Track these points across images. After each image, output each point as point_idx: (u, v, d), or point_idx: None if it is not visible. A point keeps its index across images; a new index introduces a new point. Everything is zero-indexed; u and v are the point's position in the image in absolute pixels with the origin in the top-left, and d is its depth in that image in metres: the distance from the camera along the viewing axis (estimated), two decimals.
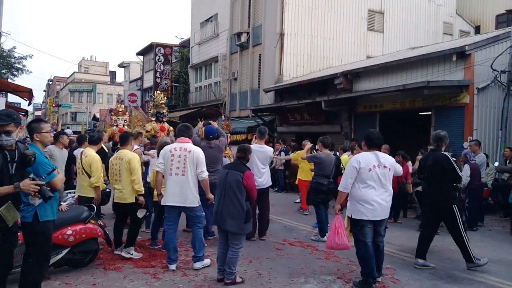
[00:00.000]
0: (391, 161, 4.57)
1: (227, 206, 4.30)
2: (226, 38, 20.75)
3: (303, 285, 4.51)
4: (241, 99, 19.53)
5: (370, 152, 4.49)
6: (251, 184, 4.32)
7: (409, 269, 5.18)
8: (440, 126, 10.56)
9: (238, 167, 4.42)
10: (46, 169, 3.52)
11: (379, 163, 4.41)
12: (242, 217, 4.26)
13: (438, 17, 19.84)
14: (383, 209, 4.44)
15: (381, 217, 4.49)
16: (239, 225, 4.27)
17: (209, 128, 6.31)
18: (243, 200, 4.27)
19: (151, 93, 28.71)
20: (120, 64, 40.30)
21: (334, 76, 13.46)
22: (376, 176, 4.38)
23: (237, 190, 4.26)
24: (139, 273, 4.70)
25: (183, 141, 4.95)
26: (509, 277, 5.00)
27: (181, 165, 4.80)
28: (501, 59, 9.78)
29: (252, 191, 4.34)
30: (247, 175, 4.31)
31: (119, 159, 5.28)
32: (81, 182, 5.75)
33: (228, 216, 4.28)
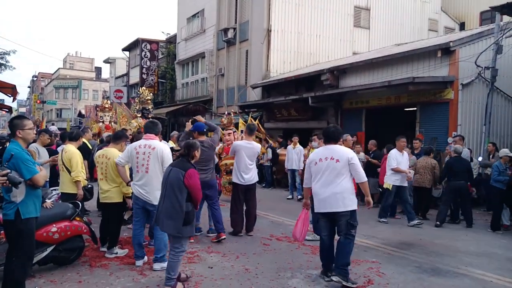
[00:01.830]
0: (345, 154, 4.41)
1: (166, 206, 4.03)
2: (213, 34, 20.63)
3: (290, 280, 4.53)
4: (228, 95, 19.47)
5: (323, 147, 4.66)
6: (193, 184, 3.97)
7: (395, 263, 5.25)
8: (425, 121, 10.75)
9: (181, 165, 4.09)
10: (28, 166, 3.46)
11: (326, 156, 4.45)
12: (181, 219, 3.94)
13: (423, 14, 20.07)
14: (333, 201, 4.35)
15: (330, 209, 4.38)
16: (177, 227, 3.96)
17: (197, 124, 6.19)
18: (182, 200, 3.95)
19: (137, 89, 28.42)
20: (106, 60, 39.78)
21: (321, 72, 13.52)
22: (322, 169, 4.43)
23: (177, 189, 3.96)
24: (125, 269, 4.66)
25: (149, 137, 4.85)
26: (491, 269, 5.11)
27: (145, 162, 4.71)
28: (485, 55, 9.93)
29: (194, 190, 3.99)
30: (189, 173, 3.97)
31: (106, 158, 5.19)
32: (62, 179, 5.67)
33: (166, 217, 4.01)
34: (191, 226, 4.09)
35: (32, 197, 3.56)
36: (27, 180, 3.47)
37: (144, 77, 26.64)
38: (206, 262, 5.04)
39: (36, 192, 3.62)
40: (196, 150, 4.20)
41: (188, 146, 4.20)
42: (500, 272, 4.98)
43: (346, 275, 4.29)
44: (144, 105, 11.17)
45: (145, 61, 26.77)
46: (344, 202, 4.35)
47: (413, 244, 6.28)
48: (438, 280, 4.66)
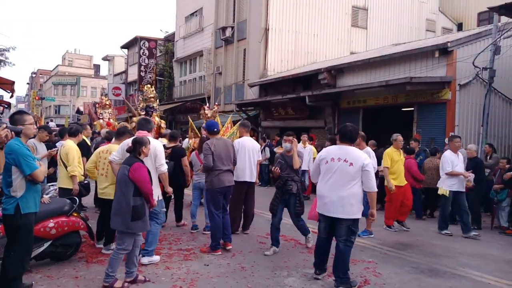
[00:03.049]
0: (359, 158, 4.14)
1: (114, 203, 4.06)
2: (211, 32, 20.61)
3: (286, 279, 4.54)
4: (225, 93, 19.47)
5: (337, 146, 4.38)
6: (138, 177, 3.93)
7: (391, 263, 5.25)
8: (422, 121, 10.79)
9: (128, 160, 4.11)
10: (28, 161, 3.46)
11: (340, 157, 4.17)
12: (128, 214, 3.90)
13: (421, 14, 20.11)
14: (338, 206, 4.13)
15: (335, 214, 4.16)
16: (124, 222, 3.92)
17: (210, 122, 6.06)
18: (129, 195, 3.91)
19: (135, 86, 28.40)
20: (104, 57, 39.68)
21: (318, 71, 13.54)
22: (333, 170, 4.18)
23: (123, 184, 3.96)
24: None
25: (142, 134, 4.85)
26: (489, 271, 5.10)
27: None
28: (482, 56, 9.97)
29: (140, 184, 3.94)
30: (134, 167, 3.95)
31: (109, 153, 5.16)
32: (60, 174, 5.68)
33: (113, 213, 4.02)
34: (142, 221, 4.01)
35: (32, 192, 3.57)
36: (27, 175, 3.47)
37: (142, 75, 26.58)
38: (202, 260, 5.05)
39: (36, 187, 3.63)
40: (144, 146, 4.14)
41: (134, 142, 4.18)
42: (498, 274, 4.97)
43: (348, 282, 4.20)
44: (148, 103, 10.89)
45: (143, 59, 26.71)
46: (351, 209, 4.11)
47: (410, 245, 6.29)
48: (435, 281, 4.65)
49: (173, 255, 5.20)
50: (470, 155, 7.82)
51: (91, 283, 4.17)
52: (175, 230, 6.66)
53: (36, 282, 4.10)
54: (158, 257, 4.93)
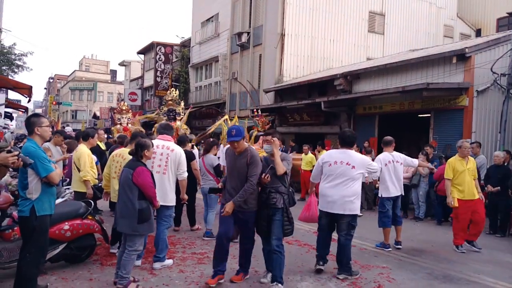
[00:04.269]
0: (363, 160, 4.75)
1: (119, 206, 4.14)
2: (226, 38, 20.76)
3: (299, 283, 4.52)
4: (241, 99, 19.54)
5: (338, 150, 4.85)
6: (142, 181, 4.02)
7: (405, 269, 5.19)
8: (439, 128, 10.62)
9: (131, 164, 4.17)
10: (44, 164, 3.53)
11: (342, 160, 4.64)
12: (134, 217, 3.99)
13: (438, 20, 19.86)
14: (340, 204, 4.59)
15: (336, 211, 4.63)
16: (131, 225, 4.01)
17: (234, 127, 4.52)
18: (134, 199, 4.01)
19: (151, 92, 28.76)
20: (121, 63, 40.33)
21: (334, 77, 13.48)
22: (336, 172, 4.65)
23: (127, 188, 4.04)
24: (135, 269, 4.70)
25: (166, 139, 4.90)
26: (504, 277, 5.02)
27: (163, 163, 4.75)
28: (501, 62, 9.79)
29: (144, 188, 4.03)
30: (137, 171, 4.03)
31: (122, 157, 5.24)
32: (74, 178, 5.79)
33: (120, 216, 4.12)
34: (148, 223, 4.11)
35: (47, 195, 3.63)
36: (43, 177, 3.54)
37: (158, 80, 26.91)
38: None
39: (51, 189, 3.69)
40: (146, 150, 4.19)
41: (137, 145, 4.25)
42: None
43: (350, 271, 4.69)
44: (170, 107, 10.56)
45: (159, 64, 27.05)
46: (352, 206, 4.61)
47: (424, 251, 6.20)
48: (449, 287, 4.59)
49: (187, 258, 5.22)
50: (497, 162, 7.66)
51: (105, 285, 4.22)
52: (189, 234, 6.70)
53: (51, 284, 4.16)
54: (171, 261, 4.95)
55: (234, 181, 4.20)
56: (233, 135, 4.14)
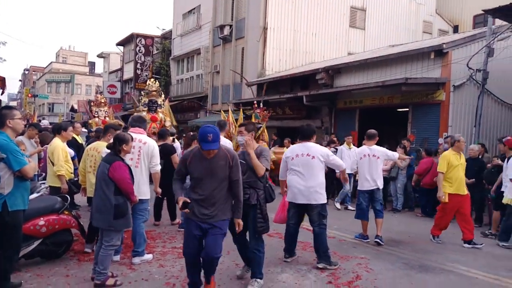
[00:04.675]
0: (321, 151, 4.91)
1: (96, 200, 4.09)
2: (208, 30, 20.57)
3: (280, 275, 4.56)
4: (223, 92, 19.44)
5: (299, 144, 5.09)
6: (118, 176, 3.96)
7: (383, 259, 5.31)
8: (417, 122, 10.84)
9: (108, 158, 4.10)
10: (16, 157, 3.43)
11: (303, 152, 4.88)
12: (110, 212, 3.94)
13: (418, 16, 20.18)
14: (306, 194, 4.81)
15: (302, 201, 4.84)
16: (107, 220, 3.96)
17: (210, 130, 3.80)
18: (110, 194, 3.95)
19: (131, 84, 28.31)
20: (100, 54, 39.43)
21: (316, 71, 13.55)
22: (299, 164, 4.87)
23: (104, 183, 3.97)
24: (114, 264, 4.64)
25: (138, 131, 4.83)
26: (477, 266, 5.19)
27: (135, 156, 4.68)
28: (477, 58, 10.02)
29: (121, 183, 3.97)
30: (114, 166, 3.96)
31: (96, 151, 5.16)
32: (49, 172, 5.65)
33: (95, 211, 4.07)
34: (124, 219, 4.05)
35: (20, 189, 3.53)
36: (16, 171, 3.44)
37: (138, 73, 26.49)
38: None
39: (25, 184, 3.60)
40: (125, 144, 4.11)
41: (115, 139, 4.16)
42: (485, 269, 5.05)
43: (328, 260, 4.84)
44: (151, 98, 10.34)
45: (140, 56, 26.62)
46: (317, 196, 4.82)
47: (401, 241, 6.35)
48: (425, 277, 4.72)
49: (167, 253, 5.19)
50: (473, 155, 7.83)
51: (83, 281, 4.15)
52: (170, 228, 6.65)
53: (26, 281, 4.06)
54: (150, 255, 4.91)
55: (207, 187, 3.54)
56: (210, 140, 3.36)
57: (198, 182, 3.61)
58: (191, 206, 3.55)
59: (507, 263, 5.39)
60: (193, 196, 3.60)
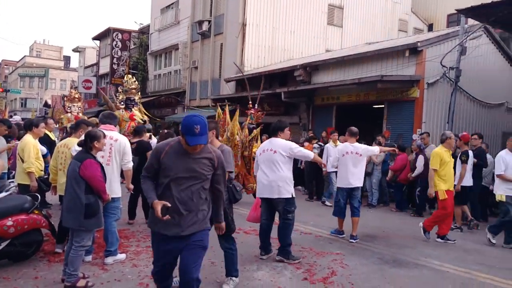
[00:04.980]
0: (284, 145, 4.95)
1: (66, 200, 3.99)
2: (187, 25, 20.33)
3: (255, 272, 4.56)
4: (201, 88, 19.28)
5: (267, 140, 5.28)
6: (89, 174, 3.84)
7: (358, 254, 5.38)
8: (392, 118, 11.04)
9: (79, 156, 3.98)
10: None
11: (267, 148, 5.00)
12: (81, 211, 3.82)
13: (394, 14, 20.51)
14: (268, 189, 4.89)
15: (270, 196, 4.90)
16: (78, 220, 3.84)
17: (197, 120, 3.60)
18: (81, 193, 3.83)
19: (107, 79, 27.73)
20: (75, 48, 38.55)
21: (294, 68, 13.61)
22: (264, 159, 5.00)
23: (74, 182, 3.85)
24: (86, 264, 4.53)
25: (109, 128, 4.73)
26: (449, 260, 5.32)
27: (106, 154, 4.59)
28: (450, 56, 10.27)
29: (92, 181, 3.86)
30: (85, 164, 3.85)
31: (66, 147, 5.01)
32: (18, 169, 5.46)
33: (66, 210, 3.95)
34: (96, 218, 3.94)
35: None
36: None
37: (114, 68, 25.96)
38: None
39: None
40: (96, 141, 3.99)
41: (86, 135, 4.05)
42: (456, 263, 5.18)
43: (287, 254, 4.88)
44: (129, 95, 10.15)
45: (116, 51, 26.08)
46: (280, 190, 4.85)
47: (376, 236, 6.46)
48: (399, 271, 4.81)
49: (141, 252, 5.10)
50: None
51: (52, 283, 4.03)
52: (144, 227, 6.50)
53: None
54: (124, 255, 4.81)
55: (185, 190, 2.90)
56: (197, 133, 2.74)
57: (173, 183, 2.90)
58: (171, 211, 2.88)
59: (477, 256, 5.55)
60: (166, 201, 2.89)
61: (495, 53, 12.17)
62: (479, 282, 4.54)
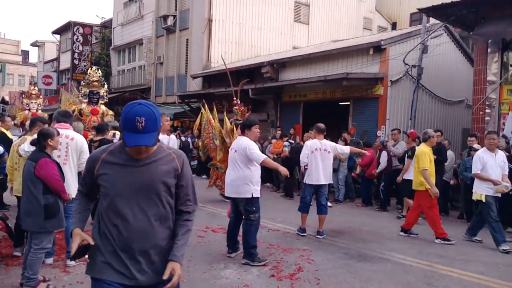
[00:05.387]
0: (243, 145, 4.83)
1: (24, 202, 3.81)
2: (151, 20, 19.88)
3: (223, 271, 4.52)
4: (167, 85, 18.93)
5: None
6: (45, 174, 3.69)
7: (324, 250, 5.45)
8: (357, 115, 11.29)
9: (33, 156, 3.81)
10: None
11: (232, 147, 5.04)
12: (40, 213, 3.67)
13: (359, 13, 20.95)
14: (230, 187, 4.91)
15: (231, 195, 4.90)
16: (37, 222, 3.68)
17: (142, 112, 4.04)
18: (38, 194, 3.69)
19: (68, 75, 26.70)
20: (34, 43, 36.86)
21: (261, 65, 13.62)
22: (229, 158, 5.05)
23: (30, 183, 3.70)
24: (47, 267, 4.34)
25: (64, 127, 4.55)
26: (412, 253, 5.47)
27: (63, 153, 4.42)
28: (412, 54, 10.60)
29: (50, 181, 3.71)
30: (40, 163, 3.69)
31: None
32: None
33: (24, 213, 3.78)
34: (56, 219, 3.80)
35: None
36: None
37: (75, 63, 25.00)
38: None
39: None
40: (50, 139, 3.81)
41: (39, 134, 3.88)
42: (419, 256, 5.34)
43: (252, 257, 4.74)
44: (92, 89, 9.68)
45: (77, 46, 25.12)
46: (238, 189, 4.80)
47: (342, 232, 6.58)
48: (363, 265, 4.90)
49: None
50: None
51: (10, 287, 3.82)
52: None
53: None
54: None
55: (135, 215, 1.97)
56: (140, 130, 1.84)
57: (117, 205, 1.96)
58: (98, 253, 2.00)
59: (438, 250, 5.73)
60: (108, 234, 1.98)
61: (455, 52, 12.68)
62: (440, 274, 4.70)
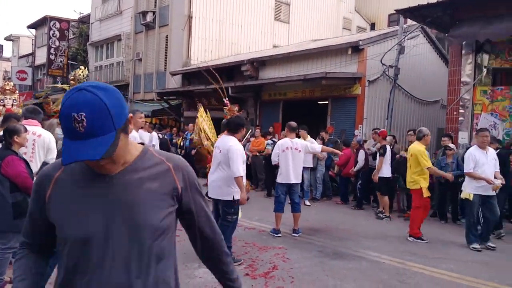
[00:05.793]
0: (227, 146, 4.64)
1: None
2: (130, 16, 19.49)
3: (196, 270, 4.45)
4: (146, 81, 18.63)
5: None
6: (12, 172, 3.56)
7: (300, 248, 5.45)
8: (335, 114, 11.36)
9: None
10: None
11: (219, 146, 4.85)
12: (9, 213, 3.55)
13: (339, 12, 21.10)
14: (211, 188, 4.79)
15: (213, 196, 4.79)
16: (6, 221, 3.56)
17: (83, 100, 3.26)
18: (5, 192, 3.58)
19: (44, 70, 25.97)
20: (8, 37, 35.64)
21: (241, 63, 13.54)
22: (214, 157, 4.92)
23: None
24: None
25: (32, 123, 4.41)
26: (386, 251, 5.55)
27: (29, 150, 4.28)
28: (389, 54, 10.72)
29: (17, 179, 3.58)
30: (6, 161, 3.56)
31: None
32: None
33: None
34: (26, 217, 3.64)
35: None
36: None
37: (52, 58, 24.32)
38: None
39: None
40: (16, 136, 3.66)
41: (5, 131, 3.75)
42: (392, 254, 5.42)
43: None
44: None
45: (54, 41, 24.44)
46: (217, 191, 4.69)
47: (319, 230, 6.60)
48: (338, 263, 4.93)
49: None
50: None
51: None
52: None
53: None
54: None
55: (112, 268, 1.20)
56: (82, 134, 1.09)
57: (83, 254, 1.22)
58: None
59: (411, 247, 5.82)
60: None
61: (431, 53, 12.92)
62: (412, 272, 4.76)
